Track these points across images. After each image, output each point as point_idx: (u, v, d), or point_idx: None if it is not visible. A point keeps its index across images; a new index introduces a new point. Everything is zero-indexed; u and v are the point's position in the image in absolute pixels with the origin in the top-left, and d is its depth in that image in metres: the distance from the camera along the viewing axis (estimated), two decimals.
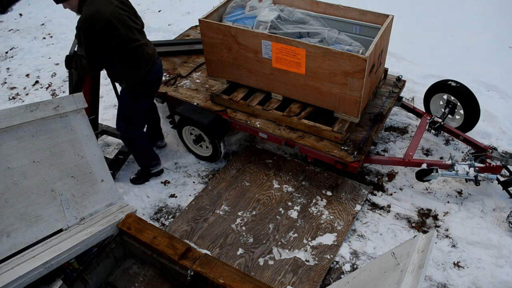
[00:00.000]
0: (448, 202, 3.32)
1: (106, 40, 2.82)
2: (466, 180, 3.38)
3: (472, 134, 3.73)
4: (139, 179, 3.69)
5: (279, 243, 3.11)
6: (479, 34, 5.10)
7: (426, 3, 5.75)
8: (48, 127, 2.58)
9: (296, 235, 3.16)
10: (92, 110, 3.57)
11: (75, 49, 3.14)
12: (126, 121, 3.35)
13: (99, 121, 3.93)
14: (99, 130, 3.96)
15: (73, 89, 3.40)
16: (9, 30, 6.36)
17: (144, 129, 3.55)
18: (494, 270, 2.83)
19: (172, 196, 3.57)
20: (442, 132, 3.66)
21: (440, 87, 3.67)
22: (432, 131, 3.62)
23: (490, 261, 2.90)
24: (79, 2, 2.82)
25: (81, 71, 3.06)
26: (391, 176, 3.57)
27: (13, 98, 4.99)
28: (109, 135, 4.08)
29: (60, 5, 2.86)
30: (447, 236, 3.09)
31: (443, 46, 4.96)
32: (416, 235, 1.90)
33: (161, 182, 3.69)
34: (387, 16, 3.28)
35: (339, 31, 3.35)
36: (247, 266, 2.98)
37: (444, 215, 3.23)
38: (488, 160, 3.21)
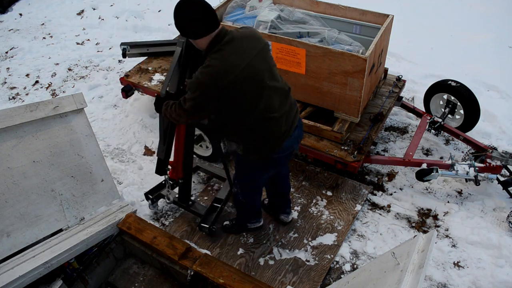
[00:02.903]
0: (448, 202, 3.32)
1: (226, 102, 2.15)
2: (466, 180, 3.38)
3: (472, 134, 3.73)
4: (233, 228, 3.18)
5: (280, 243, 3.11)
6: (479, 34, 5.09)
7: (426, 3, 5.75)
8: (48, 127, 2.58)
9: (296, 235, 3.15)
10: (186, 156, 2.99)
11: (168, 88, 2.61)
12: (240, 185, 2.77)
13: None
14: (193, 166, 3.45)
15: (163, 134, 2.88)
16: (9, 30, 6.36)
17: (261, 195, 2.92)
18: (494, 270, 2.83)
19: None
20: (442, 132, 3.66)
21: (440, 87, 3.67)
22: (432, 131, 3.62)
23: (490, 261, 2.90)
24: (209, 44, 2.14)
25: (174, 120, 2.43)
26: (391, 176, 3.57)
27: (13, 98, 4.99)
28: (202, 171, 3.62)
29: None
30: (447, 236, 3.09)
31: (443, 46, 4.95)
32: (416, 235, 1.90)
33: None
34: (387, 16, 3.28)
35: (339, 31, 3.35)
36: (247, 266, 2.98)
37: (444, 215, 3.23)
38: (488, 160, 3.20)
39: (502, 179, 3.22)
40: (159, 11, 6.26)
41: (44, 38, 6.07)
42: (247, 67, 2.11)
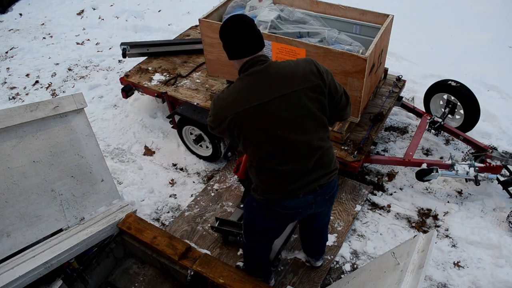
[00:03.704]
0: (448, 202, 3.32)
1: (237, 132, 1.98)
2: (466, 180, 3.38)
3: (472, 134, 3.73)
4: (243, 265, 2.83)
5: None
6: (479, 34, 5.10)
7: (426, 3, 5.75)
8: (48, 127, 2.58)
9: (296, 235, 3.15)
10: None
11: None
12: (244, 224, 2.48)
13: None
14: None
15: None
16: (9, 30, 6.36)
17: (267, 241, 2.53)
18: (494, 270, 2.83)
19: (172, 196, 3.57)
20: (442, 132, 3.66)
21: (440, 87, 3.67)
22: (432, 131, 3.62)
23: (490, 261, 2.90)
24: (239, 69, 2.04)
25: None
26: (391, 176, 3.57)
27: (13, 98, 4.99)
28: None
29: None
30: (447, 236, 3.09)
31: (443, 46, 4.95)
32: (416, 235, 1.90)
33: (164, 184, 3.69)
34: (387, 16, 3.28)
35: (339, 31, 3.35)
36: None
37: (444, 215, 3.23)
38: (488, 160, 3.21)
39: (502, 179, 3.22)
40: (159, 11, 6.26)
41: (44, 38, 6.07)
42: (256, 108, 1.90)
